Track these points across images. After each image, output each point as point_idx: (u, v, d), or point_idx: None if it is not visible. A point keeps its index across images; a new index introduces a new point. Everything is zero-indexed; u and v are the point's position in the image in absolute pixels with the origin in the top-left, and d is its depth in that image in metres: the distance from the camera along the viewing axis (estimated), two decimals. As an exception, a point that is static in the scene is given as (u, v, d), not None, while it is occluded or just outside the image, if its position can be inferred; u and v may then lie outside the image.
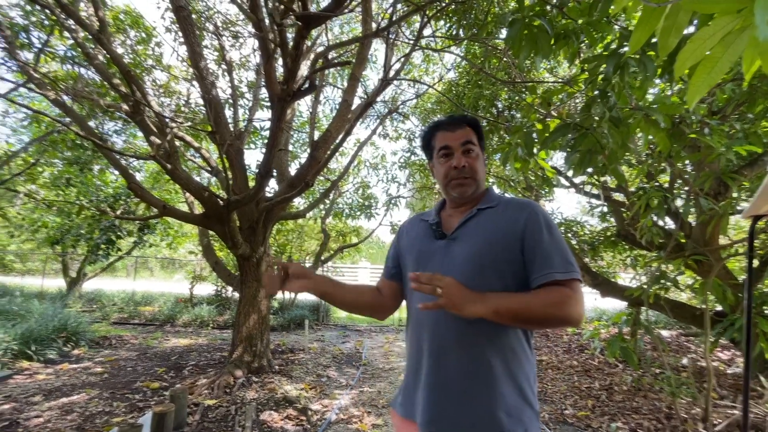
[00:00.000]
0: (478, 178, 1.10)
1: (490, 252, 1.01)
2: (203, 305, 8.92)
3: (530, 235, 1.00)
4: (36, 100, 7.68)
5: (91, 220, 7.73)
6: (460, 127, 1.11)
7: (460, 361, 0.99)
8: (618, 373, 4.89)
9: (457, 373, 0.99)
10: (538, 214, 1.03)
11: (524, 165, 2.29)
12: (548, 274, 0.96)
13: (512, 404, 0.97)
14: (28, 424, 3.09)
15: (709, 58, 0.78)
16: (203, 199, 4.13)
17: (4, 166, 6.50)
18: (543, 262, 0.97)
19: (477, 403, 0.97)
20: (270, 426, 3.14)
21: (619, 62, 1.63)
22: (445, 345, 1.01)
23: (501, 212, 1.07)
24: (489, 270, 1.00)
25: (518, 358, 1.01)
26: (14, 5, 5.21)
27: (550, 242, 0.99)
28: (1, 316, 5.62)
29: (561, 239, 1.02)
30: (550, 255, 0.98)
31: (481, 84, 5.00)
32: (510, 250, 1.01)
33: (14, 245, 15.16)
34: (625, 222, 4.62)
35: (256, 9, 2.56)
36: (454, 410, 0.98)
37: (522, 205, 1.07)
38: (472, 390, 0.98)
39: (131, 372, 4.61)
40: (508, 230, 1.02)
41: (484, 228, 1.05)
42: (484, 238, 1.03)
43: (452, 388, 0.99)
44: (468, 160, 1.09)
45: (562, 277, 0.95)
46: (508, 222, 1.04)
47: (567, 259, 0.98)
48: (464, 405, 0.97)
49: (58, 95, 4.13)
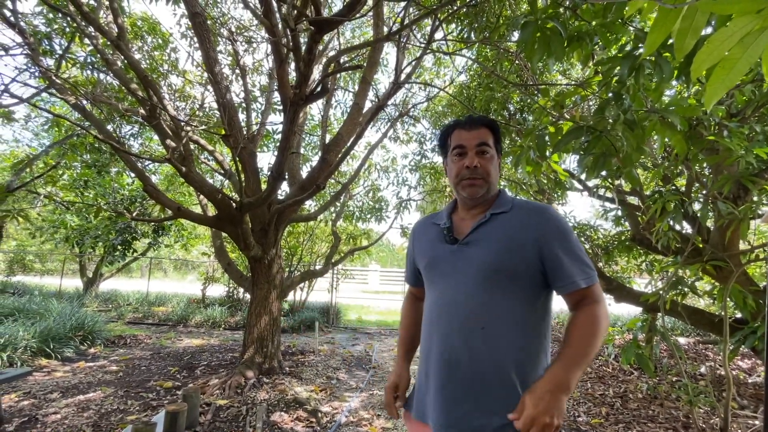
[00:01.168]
0: (490, 179, 1.09)
1: (505, 259, 1.00)
2: (215, 306, 9.04)
3: (548, 242, 1.00)
4: (57, 104, 7.91)
5: (108, 221, 7.91)
6: (476, 127, 1.10)
7: (470, 367, 0.99)
8: (633, 380, 4.78)
9: (469, 380, 0.99)
10: (556, 220, 1.03)
11: (536, 168, 2.28)
12: (573, 282, 0.98)
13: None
14: (46, 420, 3.17)
15: (728, 59, 0.77)
16: (216, 202, 4.19)
17: (26, 169, 6.70)
18: (566, 270, 0.99)
19: (489, 407, 0.96)
20: (280, 427, 3.16)
21: (634, 64, 1.61)
22: (456, 354, 1.01)
23: (515, 217, 1.05)
24: (503, 276, 1.00)
25: (533, 360, 1.00)
26: (37, 14, 5.38)
27: (570, 249, 1.00)
28: (21, 314, 5.78)
29: (578, 243, 1.03)
30: (571, 262, 0.99)
31: (493, 87, 4.97)
32: (526, 256, 1.00)
33: (34, 246, 15.60)
34: (641, 226, 4.53)
35: (270, 14, 2.60)
36: (465, 414, 0.97)
37: (537, 210, 1.06)
38: (484, 394, 0.97)
39: (145, 371, 4.69)
40: (523, 236, 1.01)
41: (498, 234, 1.04)
42: (499, 245, 1.02)
43: (463, 394, 0.99)
44: (481, 160, 1.08)
45: (585, 285, 0.97)
46: (524, 228, 1.03)
47: (586, 263, 1.00)
48: (476, 410, 0.97)
49: (78, 100, 4.25)
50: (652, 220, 3.79)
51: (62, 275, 12.35)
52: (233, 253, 8.38)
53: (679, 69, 1.66)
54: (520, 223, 1.04)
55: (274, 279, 4.68)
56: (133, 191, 8.23)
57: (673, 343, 2.98)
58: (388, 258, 28.74)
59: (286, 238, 8.62)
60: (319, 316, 8.99)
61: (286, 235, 8.45)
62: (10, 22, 4.10)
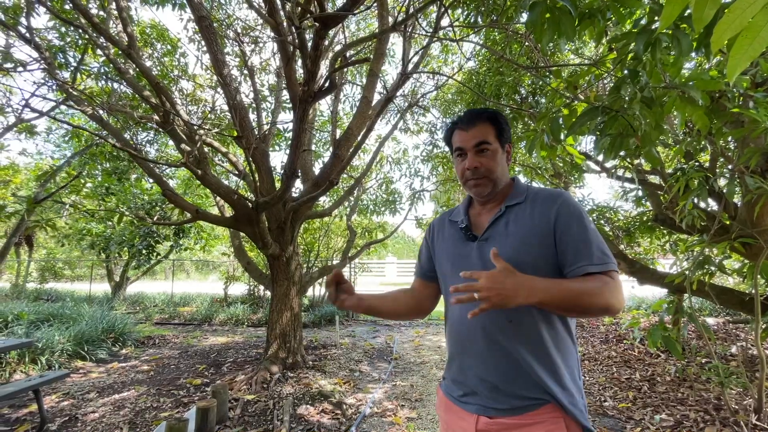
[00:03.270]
0: (494, 176, 1.08)
1: (526, 251, 1.00)
2: (237, 304, 9.25)
3: (561, 228, 0.99)
4: (75, 116, 8.15)
5: (131, 227, 8.15)
6: (474, 125, 1.08)
7: (504, 358, 1.00)
8: (660, 363, 4.69)
9: (493, 366, 1.01)
10: (569, 205, 1.01)
11: (551, 152, 2.23)
12: (582, 266, 0.94)
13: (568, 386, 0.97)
14: (85, 419, 3.32)
15: (751, 27, 0.73)
16: (233, 202, 4.27)
17: (50, 180, 6.94)
18: (576, 255, 0.96)
19: (519, 391, 0.98)
20: (307, 420, 3.23)
21: (650, 39, 1.54)
22: (474, 344, 1.04)
23: (531, 207, 1.04)
24: (526, 268, 0.97)
25: (560, 348, 1.00)
26: (50, 28, 5.53)
27: (582, 233, 0.97)
28: (56, 320, 6.04)
29: (593, 229, 0.99)
30: (583, 247, 0.96)
31: (503, 71, 4.87)
32: (545, 246, 0.99)
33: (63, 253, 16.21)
34: (663, 206, 4.40)
35: (274, 13, 2.60)
36: (488, 395, 1.01)
37: (552, 197, 1.04)
38: (514, 382, 0.99)
39: (174, 369, 4.85)
40: (540, 226, 1.00)
41: (516, 226, 1.03)
42: (517, 238, 1.02)
43: (488, 377, 1.02)
44: (481, 159, 1.07)
45: (595, 269, 0.93)
46: (540, 217, 1.01)
47: (601, 249, 0.96)
48: (511, 394, 0.99)
49: (95, 110, 4.36)
50: (675, 198, 3.67)
51: (91, 280, 12.82)
52: (252, 251, 8.53)
53: (699, 41, 1.59)
54: (537, 213, 1.02)
55: (293, 275, 4.75)
56: (152, 196, 8.44)
57: (701, 324, 2.90)
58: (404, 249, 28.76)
59: (302, 235, 8.72)
60: (339, 310, 9.09)
61: (302, 232, 8.55)
62: (26, 38, 4.23)
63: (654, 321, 5.89)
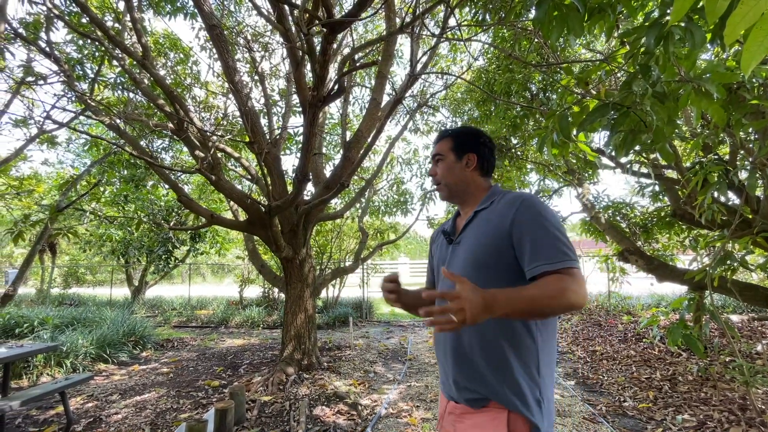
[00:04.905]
0: (446, 181, 1.24)
1: (484, 252, 1.07)
2: (253, 307, 9.37)
3: (518, 229, 1.02)
4: (93, 125, 8.39)
5: (149, 232, 8.34)
6: (437, 142, 1.28)
7: (454, 353, 1.11)
8: (681, 362, 4.58)
9: (453, 362, 1.11)
10: (528, 207, 1.04)
11: (563, 149, 2.20)
12: (538, 267, 0.97)
13: (518, 383, 1.02)
14: (109, 420, 3.42)
15: (766, 18, 0.72)
16: (246, 207, 4.33)
17: (71, 188, 7.16)
18: (533, 256, 0.98)
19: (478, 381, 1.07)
20: (323, 421, 3.25)
21: (662, 32, 1.52)
22: (454, 342, 1.12)
23: (493, 211, 1.11)
24: (487, 269, 1.05)
25: (502, 348, 1.05)
26: (68, 42, 5.71)
27: (539, 234, 1.00)
28: (79, 324, 6.22)
29: (552, 228, 1.00)
30: (539, 247, 0.98)
31: (512, 68, 4.83)
32: (502, 247, 1.04)
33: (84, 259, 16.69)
34: (681, 200, 4.30)
35: (283, 20, 2.64)
36: (464, 387, 1.09)
37: (512, 200, 1.08)
38: (474, 373, 1.08)
39: (193, 371, 4.95)
40: (498, 228, 1.06)
41: (478, 230, 1.12)
42: (477, 240, 1.10)
43: (464, 372, 1.10)
44: (435, 169, 1.26)
45: (550, 269, 0.95)
46: (499, 220, 1.07)
47: (558, 248, 0.97)
48: (470, 383, 1.08)
49: (112, 120, 4.49)
50: (693, 193, 3.58)
51: (111, 285, 13.17)
52: (266, 255, 8.64)
53: (713, 33, 1.56)
54: (496, 215, 1.09)
55: (307, 278, 4.79)
56: (168, 202, 8.63)
57: (724, 322, 2.82)
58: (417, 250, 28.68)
59: (314, 237, 8.79)
60: (353, 311, 9.13)
61: (314, 234, 8.61)
62: (46, 52, 4.38)
63: (674, 319, 5.75)
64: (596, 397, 3.82)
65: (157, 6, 5.62)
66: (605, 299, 8.58)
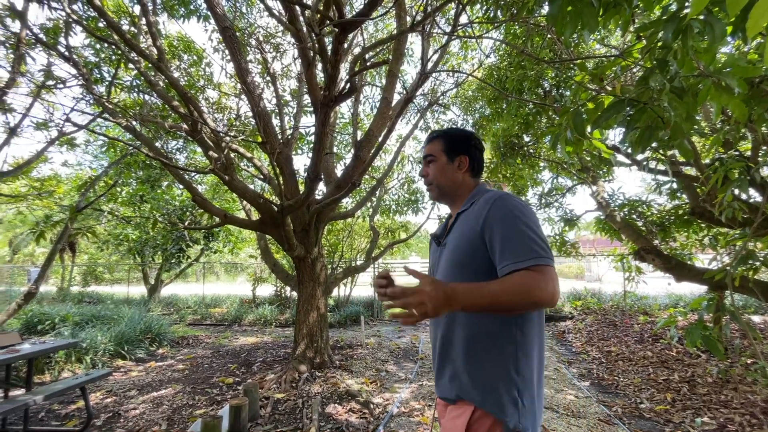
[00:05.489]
0: (437, 182, 1.27)
1: (461, 253, 1.10)
2: (265, 305, 9.48)
3: (489, 229, 1.05)
4: (110, 127, 8.58)
5: (164, 232, 8.50)
6: (429, 143, 1.31)
7: (438, 352, 1.18)
8: (701, 363, 4.47)
9: (449, 359, 1.14)
10: (500, 206, 1.05)
11: (577, 147, 2.17)
12: (506, 266, 0.98)
13: (490, 381, 1.04)
14: (127, 415, 3.51)
15: (789, 12, 0.70)
16: (259, 206, 4.38)
17: (90, 189, 7.34)
18: (502, 254, 1.00)
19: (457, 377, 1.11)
20: (335, 419, 3.28)
21: (680, 26, 1.48)
22: (439, 340, 1.19)
23: (472, 212, 1.14)
24: (466, 269, 1.09)
25: (476, 349, 1.08)
26: (86, 46, 5.85)
27: (509, 232, 1.01)
28: (98, 321, 6.38)
29: (522, 226, 1.01)
30: (507, 245, 1.00)
31: (524, 65, 4.77)
32: (475, 246, 1.07)
33: (102, 258, 17.11)
34: (700, 198, 4.19)
35: (295, 20, 2.66)
36: (444, 383, 1.15)
37: (487, 200, 1.10)
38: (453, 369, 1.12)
39: (208, 368, 5.03)
40: (472, 229, 1.09)
41: (458, 230, 1.16)
42: (456, 241, 1.14)
43: (445, 369, 1.15)
44: (427, 169, 1.29)
45: (517, 267, 0.96)
46: (474, 220, 1.10)
47: (526, 245, 0.98)
48: (449, 379, 1.13)
49: (129, 122, 4.58)
50: (713, 190, 3.49)
51: (128, 283, 13.46)
52: (278, 253, 8.72)
53: (734, 25, 1.51)
54: (473, 216, 1.11)
55: (319, 277, 4.82)
56: (183, 202, 8.77)
57: (745, 322, 2.75)
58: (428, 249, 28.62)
59: (326, 236, 8.84)
60: (364, 310, 9.16)
61: (326, 234, 8.66)
62: (65, 56, 4.49)
63: (692, 319, 5.61)
64: (612, 398, 3.76)
65: (171, 9, 5.71)
66: (620, 299, 8.42)
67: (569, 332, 6.88)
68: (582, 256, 7.09)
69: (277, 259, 6.98)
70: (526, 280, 0.93)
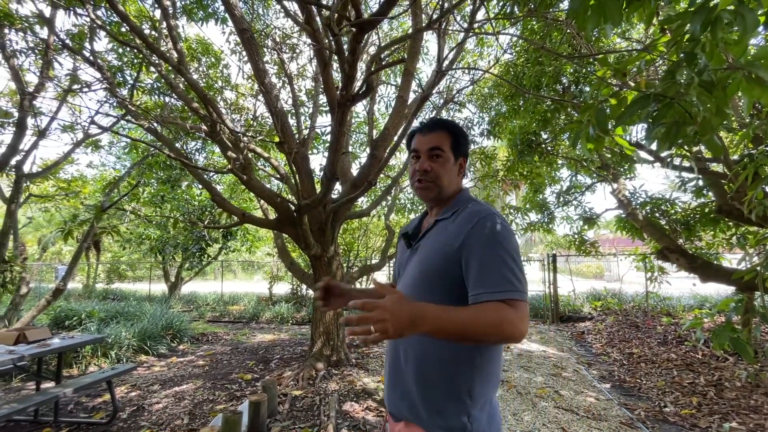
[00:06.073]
0: (440, 183, 1.12)
1: (432, 264, 1.03)
2: (282, 303, 9.60)
3: (467, 250, 0.97)
4: (132, 129, 8.82)
5: (184, 231, 8.70)
6: (432, 131, 1.14)
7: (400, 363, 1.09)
8: (728, 367, 4.32)
9: (398, 372, 1.09)
10: (482, 228, 0.98)
11: (598, 144, 2.12)
12: (479, 294, 0.91)
13: (439, 404, 0.99)
14: (151, 408, 3.61)
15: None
16: (276, 205, 4.44)
17: (114, 189, 7.57)
18: (476, 281, 0.93)
19: (411, 395, 1.05)
20: (352, 416, 3.30)
21: (709, 17, 1.43)
22: (390, 354, 1.13)
23: (451, 223, 1.06)
24: (435, 281, 1.02)
25: (429, 372, 1.02)
26: (110, 50, 6.03)
27: (487, 258, 0.93)
28: (122, 317, 6.58)
29: (502, 253, 0.94)
30: (484, 273, 0.92)
31: (542, 60, 4.69)
32: (450, 262, 0.99)
33: (125, 256, 17.64)
34: (728, 195, 4.04)
35: (311, 21, 2.68)
36: (397, 400, 1.08)
37: (470, 216, 1.02)
38: (405, 385, 1.07)
39: (227, 365, 5.13)
40: (448, 243, 1.01)
41: (433, 239, 1.08)
42: (429, 251, 1.06)
43: (396, 383, 1.10)
44: (432, 164, 1.12)
45: (490, 298, 0.89)
46: (452, 235, 1.02)
47: (503, 276, 0.91)
48: (401, 397, 1.07)
49: (150, 123, 4.70)
50: (742, 188, 3.36)
51: (150, 281, 13.83)
52: (294, 252, 8.82)
53: (767, 15, 1.45)
54: (452, 229, 1.03)
55: (335, 275, 4.86)
56: (202, 202, 8.96)
57: (776, 325, 2.64)
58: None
59: (341, 235, 8.89)
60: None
61: (341, 232, 8.71)
62: (90, 61, 4.64)
63: (719, 321, 5.42)
64: (634, 401, 3.67)
65: (190, 12, 5.83)
66: (642, 300, 8.21)
67: (588, 333, 6.75)
68: (602, 256, 6.92)
69: (294, 257, 7.06)
70: (500, 314, 0.86)
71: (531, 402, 3.59)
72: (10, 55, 5.55)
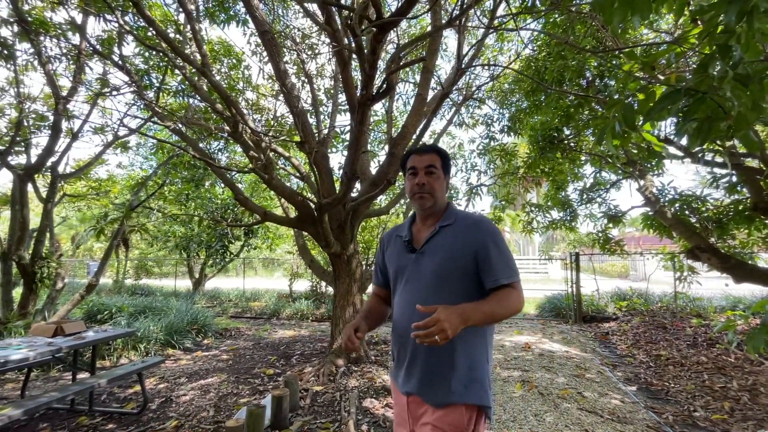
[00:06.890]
0: (435, 195, 1.37)
1: (450, 266, 1.27)
2: (302, 300, 9.74)
3: (482, 251, 1.27)
4: (159, 130, 9.11)
5: (208, 229, 8.94)
6: (427, 153, 1.40)
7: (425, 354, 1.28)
8: (764, 371, 4.14)
9: (424, 363, 1.28)
10: (488, 232, 1.29)
11: (625, 140, 2.06)
12: (497, 279, 1.24)
13: (463, 377, 1.24)
14: (178, 400, 3.74)
15: None
16: (297, 204, 4.51)
17: (141, 189, 7.85)
18: (493, 272, 1.25)
19: (438, 374, 1.26)
20: (372, 413, 3.33)
21: (745, 7, 1.36)
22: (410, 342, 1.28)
23: (458, 229, 1.32)
24: (450, 280, 1.27)
25: (473, 346, 1.27)
26: (136, 54, 6.24)
27: (498, 255, 1.26)
28: (150, 312, 6.83)
29: (505, 249, 1.29)
30: (498, 265, 1.25)
31: (564, 55, 4.57)
32: (467, 261, 1.27)
33: (152, 253, 18.25)
34: (765, 192, 3.86)
35: (331, 21, 2.70)
36: (422, 380, 1.28)
37: (475, 224, 1.31)
38: (435, 365, 1.27)
39: (250, 359, 5.26)
40: (465, 247, 1.28)
41: (445, 244, 1.31)
42: (445, 254, 1.29)
43: (422, 372, 1.29)
44: (428, 179, 1.36)
45: (506, 281, 1.23)
46: (465, 238, 1.29)
47: (509, 266, 1.26)
48: (428, 376, 1.27)
49: (175, 124, 4.85)
50: (779, 184, 3.19)
51: (175, 277, 14.28)
52: (314, 250, 8.92)
53: (809, 3, 1.38)
54: (463, 235, 1.30)
55: (354, 273, 4.90)
56: (225, 200, 9.18)
57: (817, 329, 2.50)
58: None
59: (360, 233, 8.94)
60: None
61: (360, 231, 8.76)
62: (119, 65, 4.81)
63: (754, 324, 5.18)
64: (662, 404, 3.56)
65: (212, 15, 5.97)
66: (670, 300, 7.92)
67: (613, 334, 6.57)
68: (627, 255, 6.71)
69: (314, 255, 7.15)
70: (514, 295, 1.22)
71: (553, 403, 3.53)
72: (45, 61, 5.83)
